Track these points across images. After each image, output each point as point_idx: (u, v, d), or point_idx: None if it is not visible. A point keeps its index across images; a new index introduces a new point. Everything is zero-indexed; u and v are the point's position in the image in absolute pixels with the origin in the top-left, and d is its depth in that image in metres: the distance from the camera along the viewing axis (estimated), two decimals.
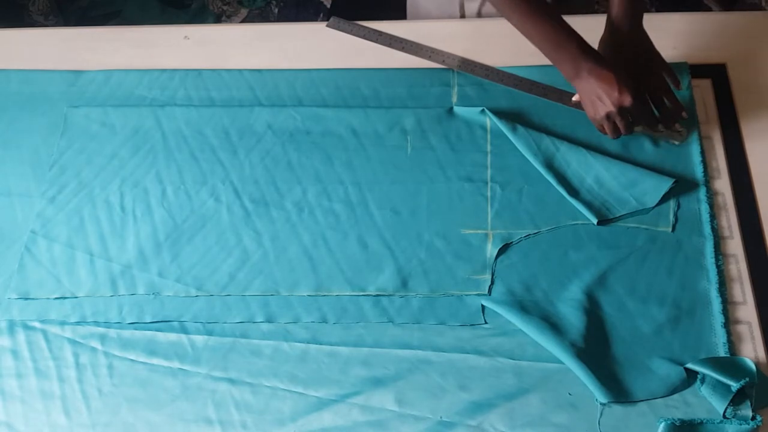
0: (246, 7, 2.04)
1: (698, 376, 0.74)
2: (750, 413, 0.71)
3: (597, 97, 0.82)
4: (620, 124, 0.83)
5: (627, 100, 0.80)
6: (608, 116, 0.83)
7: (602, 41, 0.89)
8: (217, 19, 2.02)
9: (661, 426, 0.71)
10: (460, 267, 0.83)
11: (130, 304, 0.83)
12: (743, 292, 0.80)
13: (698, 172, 0.88)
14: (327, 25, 1.05)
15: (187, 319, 0.82)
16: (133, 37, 1.07)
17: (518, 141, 0.90)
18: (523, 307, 0.80)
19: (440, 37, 1.02)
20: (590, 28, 0.94)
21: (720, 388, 0.72)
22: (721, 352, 0.76)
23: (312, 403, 0.76)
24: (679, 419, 0.72)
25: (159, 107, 0.97)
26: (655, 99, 0.89)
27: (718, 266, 0.81)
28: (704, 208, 0.85)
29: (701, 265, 0.81)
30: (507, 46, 0.99)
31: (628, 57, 0.87)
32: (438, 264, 0.83)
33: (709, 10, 1.90)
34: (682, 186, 0.87)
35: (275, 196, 0.90)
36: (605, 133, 0.86)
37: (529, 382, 0.75)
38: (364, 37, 1.03)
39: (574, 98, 0.93)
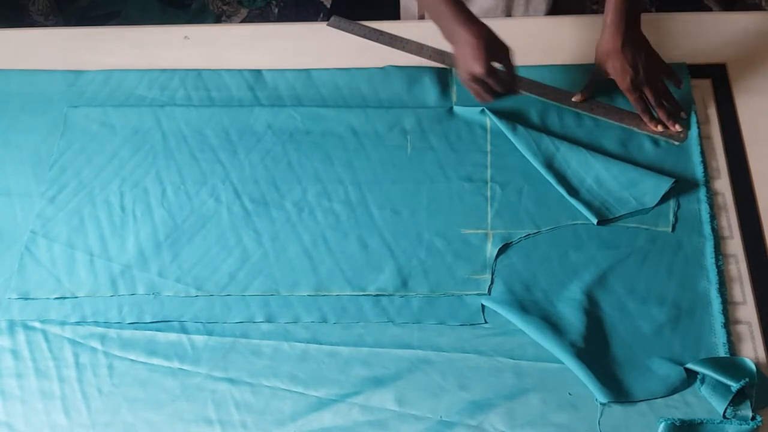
0: (246, 7, 2.04)
1: (698, 376, 0.74)
2: (750, 413, 0.71)
3: (462, 62, 0.86)
4: (479, 91, 0.86)
5: (477, 70, 0.83)
6: (468, 81, 0.86)
7: (600, 43, 0.89)
8: (217, 19, 2.02)
9: (661, 426, 0.71)
10: (460, 267, 0.83)
11: (130, 304, 0.83)
12: (743, 292, 0.80)
13: (698, 172, 0.88)
14: (327, 25, 1.04)
15: (187, 319, 0.82)
16: (133, 37, 1.07)
17: (518, 141, 0.90)
18: (523, 306, 0.79)
19: (440, 37, 1.02)
20: (586, 28, 0.94)
21: (720, 388, 0.72)
22: (721, 352, 0.76)
23: (312, 403, 0.76)
24: (679, 419, 0.72)
25: (159, 107, 0.97)
26: (654, 101, 0.89)
27: (718, 266, 0.81)
28: (704, 208, 0.85)
29: (701, 265, 0.81)
30: None
31: (626, 59, 0.87)
32: (438, 264, 0.83)
33: (709, 10, 1.90)
34: (682, 186, 0.87)
35: (275, 196, 0.90)
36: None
37: (529, 382, 0.75)
38: (364, 36, 1.02)
39: (574, 98, 0.93)
